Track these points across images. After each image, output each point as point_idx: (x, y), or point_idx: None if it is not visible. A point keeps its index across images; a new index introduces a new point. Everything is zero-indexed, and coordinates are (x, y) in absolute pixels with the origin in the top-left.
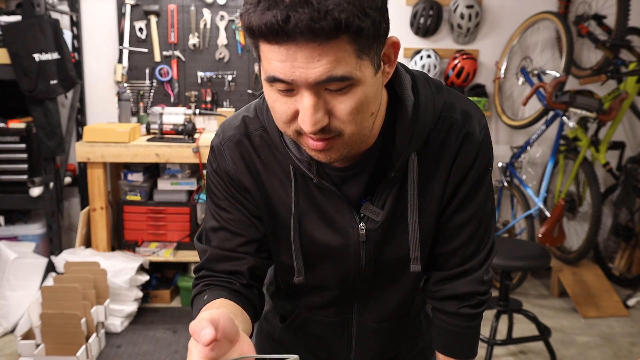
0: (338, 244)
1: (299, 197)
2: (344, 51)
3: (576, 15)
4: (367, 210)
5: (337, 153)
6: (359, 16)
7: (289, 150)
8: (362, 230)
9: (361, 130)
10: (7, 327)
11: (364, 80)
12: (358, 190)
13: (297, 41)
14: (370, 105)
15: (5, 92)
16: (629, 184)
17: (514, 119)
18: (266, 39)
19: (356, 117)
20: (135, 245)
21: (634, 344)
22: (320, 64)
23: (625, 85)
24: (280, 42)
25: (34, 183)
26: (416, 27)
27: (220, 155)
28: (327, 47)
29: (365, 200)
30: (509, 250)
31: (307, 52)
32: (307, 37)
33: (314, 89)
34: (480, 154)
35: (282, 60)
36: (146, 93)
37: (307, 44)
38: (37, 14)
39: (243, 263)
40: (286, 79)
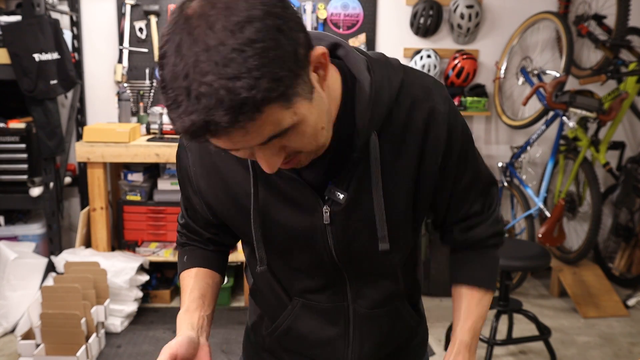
0: (303, 227)
1: (258, 187)
2: (275, 113)
3: (576, 15)
4: (331, 193)
5: (306, 160)
6: (273, 87)
7: None
8: (326, 212)
9: (319, 142)
10: (7, 327)
11: (303, 118)
12: (320, 174)
13: (228, 129)
14: (318, 125)
15: (5, 92)
16: (629, 184)
17: (514, 119)
18: (200, 137)
19: (309, 141)
20: (135, 245)
21: (634, 344)
22: (257, 136)
23: (625, 85)
24: (212, 136)
25: (34, 183)
26: (416, 27)
27: (183, 157)
28: (255, 123)
29: (330, 183)
30: (509, 250)
31: (240, 131)
32: (234, 124)
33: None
34: (453, 126)
35: (222, 143)
36: (146, 93)
37: (235, 128)
38: (37, 14)
39: (204, 235)
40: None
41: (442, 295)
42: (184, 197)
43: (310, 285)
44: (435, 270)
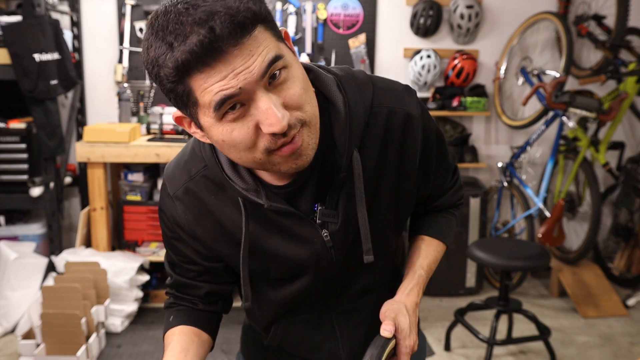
0: (307, 254)
1: (249, 226)
2: (265, 38)
3: (576, 15)
4: (324, 216)
5: (310, 149)
6: (261, 5)
7: (234, 183)
8: (326, 236)
9: (315, 110)
10: (7, 327)
11: (291, 61)
12: (310, 198)
13: (228, 49)
14: (307, 84)
15: (5, 92)
16: (628, 184)
17: (513, 119)
18: (202, 63)
19: (306, 95)
20: (135, 245)
21: (633, 344)
22: (256, 56)
23: (624, 85)
24: (215, 58)
25: (34, 183)
26: (416, 27)
27: (171, 207)
28: (253, 40)
29: (317, 207)
30: (509, 250)
31: (240, 52)
32: (234, 38)
33: (264, 88)
34: (426, 128)
35: (224, 76)
36: (146, 93)
37: (236, 46)
38: (37, 14)
39: (200, 290)
40: (235, 91)
41: (442, 295)
42: (170, 253)
43: (298, 306)
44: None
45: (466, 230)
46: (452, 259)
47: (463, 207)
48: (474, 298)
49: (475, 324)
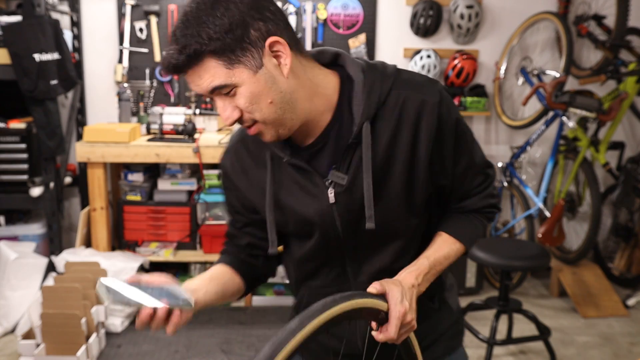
0: (314, 210)
1: (274, 176)
2: (214, 67)
3: (576, 15)
4: (334, 176)
5: (269, 135)
6: (206, 43)
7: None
8: (331, 193)
9: (272, 115)
10: (7, 327)
11: (242, 82)
12: (327, 161)
13: (186, 70)
14: (263, 97)
15: (5, 92)
16: (628, 184)
17: (513, 119)
18: (178, 72)
19: (255, 107)
20: (135, 245)
21: (633, 344)
22: (203, 81)
23: (625, 85)
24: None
25: (34, 183)
26: (416, 27)
27: (224, 158)
28: (200, 69)
29: (332, 168)
30: (509, 250)
31: (192, 73)
32: (183, 69)
33: (217, 96)
34: (443, 114)
35: (190, 82)
36: (146, 93)
37: (189, 70)
38: (37, 14)
39: (243, 239)
40: (199, 92)
41: None
42: (227, 203)
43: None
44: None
45: None
46: None
47: None
48: (474, 298)
49: (475, 324)
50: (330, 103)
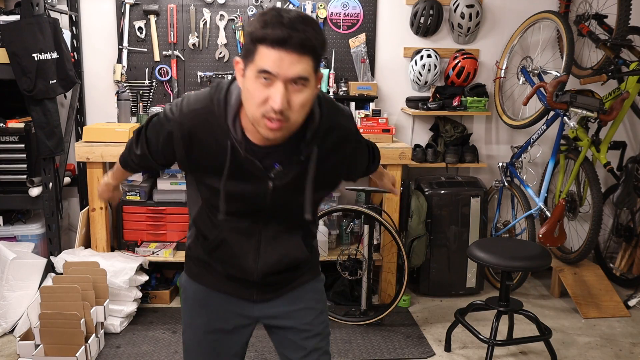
0: (251, 191)
1: (232, 163)
2: (308, 64)
3: (577, 14)
4: (277, 173)
5: (280, 134)
6: (321, 48)
7: (230, 131)
8: (271, 184)
9: (298, 120)
10: (6, 328)
11: (312, 85)
12: (272, 161)
13: (288, 50)
14: (307, 105)
15: (4, 92)
16: (629, 183)
17: (514, 119)
18: (271, 45)
19: (301, 109)
20: (134, 245)
21: (635, 345)
22: (297, 67)
23: (626, 84)
24: (278, 48)
25: (33, 183)
26: (416, 27)
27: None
28: (302, 58)
29: (277, 165)
30: (510, 251)
31: (291, 58)
32: (295, 50)
33: (286, 83)
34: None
35: (274, 60)
36: (146, 93)
37: (293, 54)
38: (36, 13)
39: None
40: (273, 71)
41: (442, 295)
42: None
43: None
44: (435, 270)
45: (467, 231)
46: (452, 259)
47: (464, 207)
48: (475, 298)
49: (475, 324)
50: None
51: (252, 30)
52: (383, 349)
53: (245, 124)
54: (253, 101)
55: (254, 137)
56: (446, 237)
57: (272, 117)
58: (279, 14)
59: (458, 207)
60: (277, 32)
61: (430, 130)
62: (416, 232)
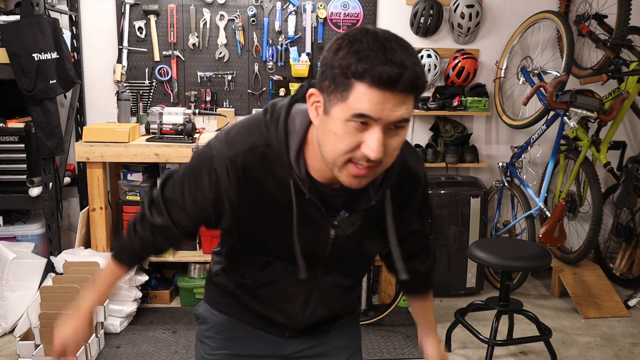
0: (311, 239)
1: (299, 207)
2: (410, 103)
3: (577, 14)
4: (342, 221)
5: (367, 180)
6: (425, 81)
7: (293, 168)
8: (332, 235)
9: (389, 164)
10: (6, 328)
11: (407, 127)
12: (338, 205)
13: (396, 91)
14: (401, 146)
15: (4, 92)
16: (629, 183)
17: (514, 119)
18: (376, 85)
19: (395, 152)
20: None
21: (635, 345)
22: (401, 109)
23: (626, 84)
24: (385, 89)
25: (33, 183)
26: (416, 27)
27: (221, 167)
28: (407, 99)
29: (343, 212)
30: (510, 251)
31: (397, 100)
32: (405, 89)
33: (386, 127)
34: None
35: (377, 103)
36: (145, 93)
37: (399, 94)
38: (36, 13)
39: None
40: (374, 116)
41: (442, 295)
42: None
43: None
44: (435, 270)
45: (467, 230)
46: (452, 259)
47: (464, 207)
48: (475, 298)
49: (475, 324)
50: None
51: (347, 62)
52: (383, 349)
53: (310, 160)
54: (340, 147)
55: (318, 174)
56: (446, 237)
57: (362, 164)
58: (380, 43)
59: (458, 207)
60: (386, 70)
61: (430, 130)
62: None
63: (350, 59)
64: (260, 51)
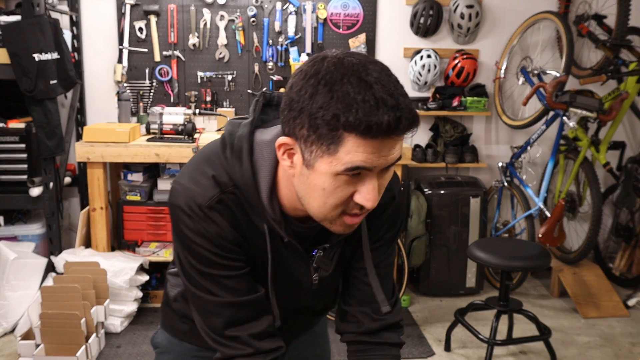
0: (294, 290)
1: (274, 254)
2: (402, 140)
3: (576, 15)
4: (321, 262)
5: (356, 226)
6: (418, 117)
7: (266, 211)
8: (316, 280)
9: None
10: (6, 327)
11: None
12: (311, 244)
13: (392, 137)
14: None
15: (5, 92)
16: (629, 184)
17: (514, 119)
18: (371, 136)
19: (384, 187)
20: (135, 245)
21: (634, 344)
22: (396, 151)
23: (625, 85)
24: (381, 138)
25: (33, 183)
26: (416, 27)
27: (206, 218)
28: (400, 139)
29: (315, 252)
30: (509, 251)
31: (391, 143)
32: (401, 133)
33: (378, 172)
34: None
35: (372, 152)
36: (146, 93)
37: (394, 138)
38: (36, 13)
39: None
40: (370, 166)
41: (442, 295)
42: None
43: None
44: (435, 270)
45: (466, 230)
46: (452, 259)
47: (463, 207)
48: (474, 298)
49: (475, 324)
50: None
51: (333, 113)
52: None
53: (283, 197)
54: (331, 202)
55: (292, 212)
56: (446, 237)
57: (357, 212)
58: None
59: (458, 207)
60: (383, 118)
61: (430, 130)
62: (416, 232)
63: (335, 109)
64: (260, 51)
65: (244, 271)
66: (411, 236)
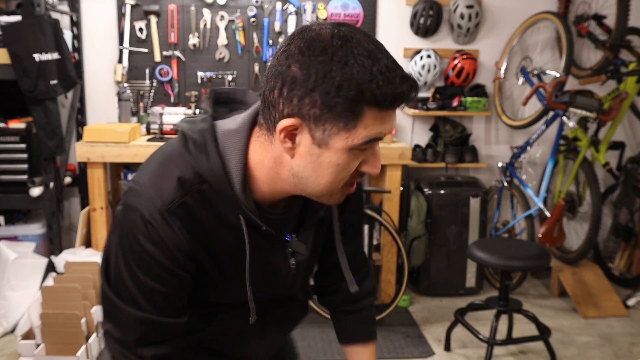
0: (274, 279)
1: (251, 246)
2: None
3: (576, 15)
4: (296, 246)
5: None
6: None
7: (240, 201)
8: (293, 265)
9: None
10: (7, 327)
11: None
12: (287, 229)
13: (399, 105)
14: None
15: (5, 92)
16: (628, 184)
17: (514, 119)
18: (389, 106)
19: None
20: None
21: (634, 344)
22: (395, 117)
23: (625, 85)
24: (394, 107)
25: (34, 183)
26: (416, 27)
27: (165, 225)
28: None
29: (290, 237)
30: (509, 250)
31: (395, 111)
32: (411, 100)
33: (377, 142)
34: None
35: (385, 122)
36: (146, 93)
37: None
38: (37, 14)
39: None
40: (382, 136)
41: (442, 295)
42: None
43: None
44: (435, 270)
45: (466, 230)
46: (452, 259)
47: (463, 207)
48: (474, 298)
49: (475, 324)
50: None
51: (357, 91)
52: (383, 349)
53: (256, 187)
54: (342, 176)
55: (265, 201)
56: (446, 237)
57: (356, 182)
58: (375, 56)
59: (458, 207)
60: (404, 89)
61: (430, 130)
62: (416, 232)
63: (356, 84)
64: (260, 52)
65: (179, 292)
66: (411, 236)
